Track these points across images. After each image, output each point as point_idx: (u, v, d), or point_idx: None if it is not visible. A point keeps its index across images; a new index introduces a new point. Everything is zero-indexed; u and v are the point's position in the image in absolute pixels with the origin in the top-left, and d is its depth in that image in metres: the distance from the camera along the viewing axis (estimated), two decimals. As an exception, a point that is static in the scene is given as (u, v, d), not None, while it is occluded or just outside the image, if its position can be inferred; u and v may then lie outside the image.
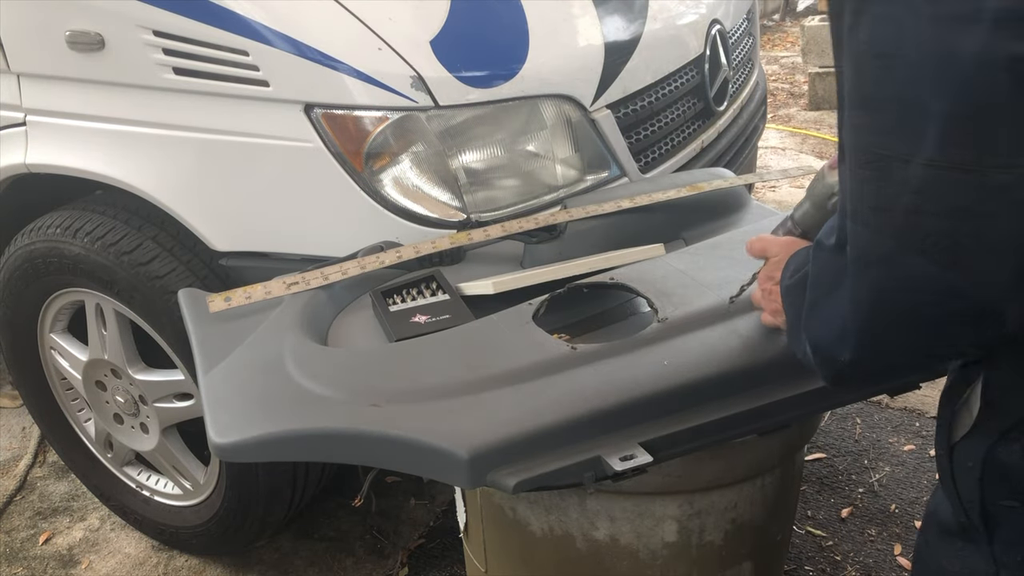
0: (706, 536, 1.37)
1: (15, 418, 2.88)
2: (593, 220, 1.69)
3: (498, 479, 1.11)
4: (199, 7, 1.64)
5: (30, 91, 1.90)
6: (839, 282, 0.79)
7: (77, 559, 2.30)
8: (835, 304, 0.80)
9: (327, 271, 1.56)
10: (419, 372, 1.28)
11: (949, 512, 0.93)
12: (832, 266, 0.81)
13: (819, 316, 0.84)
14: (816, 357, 0.86)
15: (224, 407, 1.28)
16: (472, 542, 1.59)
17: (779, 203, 4.03)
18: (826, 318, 0.82)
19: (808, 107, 5.37)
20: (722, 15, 2.34)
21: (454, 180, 1.71)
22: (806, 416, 1.33)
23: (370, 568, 2.17)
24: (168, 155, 1.76)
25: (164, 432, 2.08)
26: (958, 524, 0.91)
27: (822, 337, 0.84)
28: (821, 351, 0.85)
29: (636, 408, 1.18)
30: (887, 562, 2.06)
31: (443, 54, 1.67)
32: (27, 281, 2.03)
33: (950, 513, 0.93)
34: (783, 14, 7.97)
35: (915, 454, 2.40)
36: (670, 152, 2.08)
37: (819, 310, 0.84)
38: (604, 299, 1.53)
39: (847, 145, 0.76)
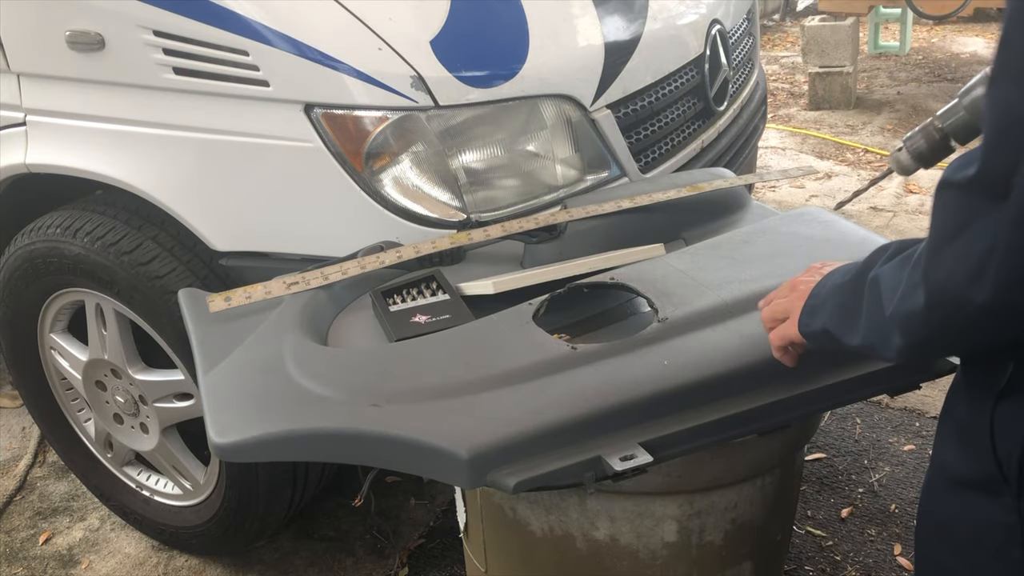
0: (706, 536, 1.37)
1: (15, 418, 2.88)
2: (593, 220, 1.69)
3: (498, 479, 1.11)
4: (199, 7, 1.64)
5: (30, 91, 1.90)
6: (975, 218, 0.76)
7: (77, 559, 2.30)
8: (970, 243, 0.76)
9: (327, 271, 1.56)
10: (419, 372, 1.29)
11: (965, 465, 0.94)
12: (967, 201, 0.78)
13: (944, 260, 0.79)
14: (936, 308, 0.82)
15: (224, 407, 1.28)
16: (472, 542, 1.59)
17: (779, 203, 4.03)
18: (958, 256, 0.78)
19: (808, 107, 5.37)
20: (722, 15, 2.34)
21: (454, 180, 1.71)
22: (806, 416, 1.33)
23: (370, 568, 2.17)
24: (168, 155, 1.76)
25: (164, 432, 2.08)
26: (981, 477, 0.92)
27: (948, 281, 0.79)
28: (947, 296, 0.80)
29: (636, 408, 1.18)
30: (887, 562, 2.06)
31: (443, 54, 1.67)
32: (27, 281, 2.03)
33: (966, 466, 0.94)
34: (783, 14, 7.96)
35: (915, 454, 2.40)
36: (670, 152, 2.08)
37: (944, 254, 0.79)
38: (604, 299, 1.53)
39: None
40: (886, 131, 4.88)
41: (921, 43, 6.66)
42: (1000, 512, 0.91)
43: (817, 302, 1.07)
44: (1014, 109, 0.73)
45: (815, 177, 4.30)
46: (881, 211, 3.88)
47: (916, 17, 5.67)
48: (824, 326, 1.04)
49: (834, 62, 5.29)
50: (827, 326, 1.03)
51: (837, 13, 5.56)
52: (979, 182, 0.76)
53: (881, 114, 5.15)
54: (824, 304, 1.05)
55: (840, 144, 4.74)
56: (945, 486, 0.99)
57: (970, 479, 0.94)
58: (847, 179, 4.27)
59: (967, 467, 0.94)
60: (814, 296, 1.08)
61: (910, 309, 0.85)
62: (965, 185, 0.78)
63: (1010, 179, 0.72)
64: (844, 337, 1.00)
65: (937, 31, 6.99)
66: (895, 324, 0.88)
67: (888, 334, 0.90)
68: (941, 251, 0.80)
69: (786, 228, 1.61)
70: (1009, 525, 0.90)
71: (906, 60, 6.24)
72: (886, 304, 0.89)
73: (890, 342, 0.90)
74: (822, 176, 4.33)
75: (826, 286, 1.06)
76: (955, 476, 0.97)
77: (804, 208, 1.70)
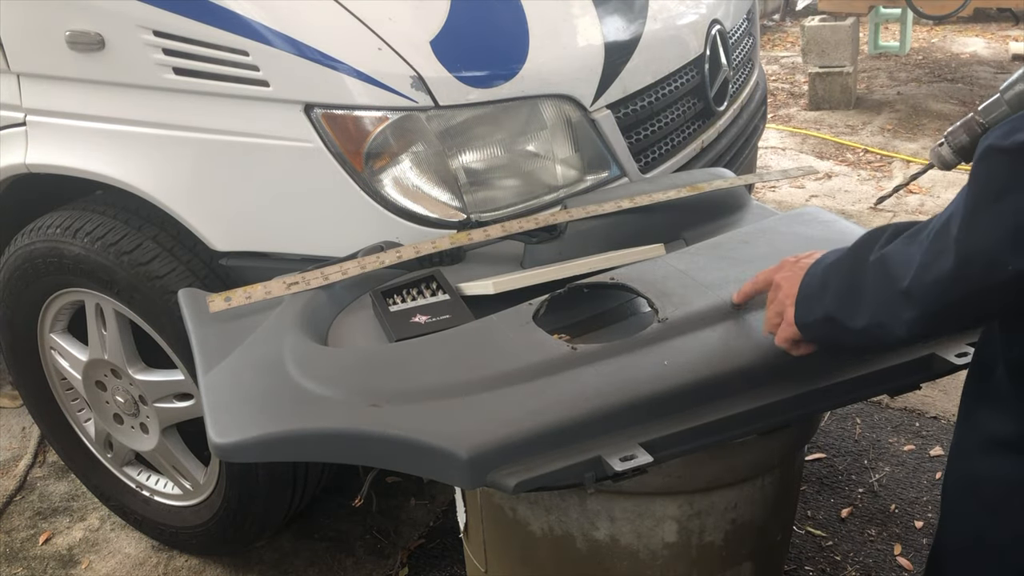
0: (706, 536, 1.37)
1: (15, 418, 2.88)
2: (593, 220, 1.69)
3: (498, 479, 1.11)
4: (199, 7, 1.64)
5: (30, 91, 1.90)
6: (1018, 184, 0.77)
7: (77, 559, 2.30)
8: (1014, 205, 0.78)
9: (327, 271, 1.56)
10: (419, 372, 1.28)
11: (1002, 425, 0.96)
12: (1014, 166, 0.79)
13: (982, 222, 0.80)
14: (967, 271, 0.83)
15: (224, 407, 1.28)
16: (472, 542, 1.59)
17: (779, 203, 4.03)
18: (999, 217, 0.79)
19: (808, 107, 5.37)
20: (722, 15, 2.34)
21: (454, 180, 1.71)
22: (806, 416, 1.33)
23: (370, 568, 2.17)
24: (168, 155, 1.76)
25: (164, 432, 2.08)
26: (1014, 437, 0.95)
27: (984, 243, 0.80)
28: (981, 258, 0.81)
29: (636, 408, 1.18)
30: (887, 562, 2.06)
31: (443, 54, 1.67)
32: (27, 281, 2.03)
33: (999, 426, 0.96)
34: (783, 14, 7.96)
35: (915, 454, 2.40)
36: (670, 152, 2.08)
37: (982, 217, 0.80)
38: (604, 299, 1.53)
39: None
40: (886, 131, 4.88)
41: (921, 43, 6.66)
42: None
43: (812, 291, 1.07)
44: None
45: (815, 177, 4.30)
46: (881, 211, 3.88)
47: (916, 17, 5.67)
48: (826, 312, 1.04)
49: (834, 62, 5.30)
50: (829, 312, 1.03)
51: (837, 13, 5.56)
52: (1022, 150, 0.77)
53: (881, 114, 5.15)
54: (822, 290, 1.05)
55: (840, 144, 4.74)
56: (977, 445, 1.01)
57: (1004, 437, 0.96)
58: (847, 179, 4.27)
59: (1001, 426, 0.96)
60: (807, 286, 1.08)
61: (936, 275, 0.85)
62: (1013, 150, 0.79)
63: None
64: (848, 320, 1.00)
65: (937, 31, 6.99)
66: (912, 296, 0.88)
67: (900, 308, 0.90)
68: (979, 214, 0.81)
69: (786, 228, 1.61)
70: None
71: (906, 60, 6.24)
72: (900, 277, 0.90)
73: (901, 316, 0.91)
74: (822, 176, 4.33)
75: (817, 274, 1.06)
76: (989, 435, 0.98)
77: (804, 208, 1.70)
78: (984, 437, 1.00)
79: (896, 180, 4.19)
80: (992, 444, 0.99)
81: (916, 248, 0.89)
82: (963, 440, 1.05)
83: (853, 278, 0.99)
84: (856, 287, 0.98)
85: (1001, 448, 0.97)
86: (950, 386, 2.65)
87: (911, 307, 0.89)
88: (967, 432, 1.05)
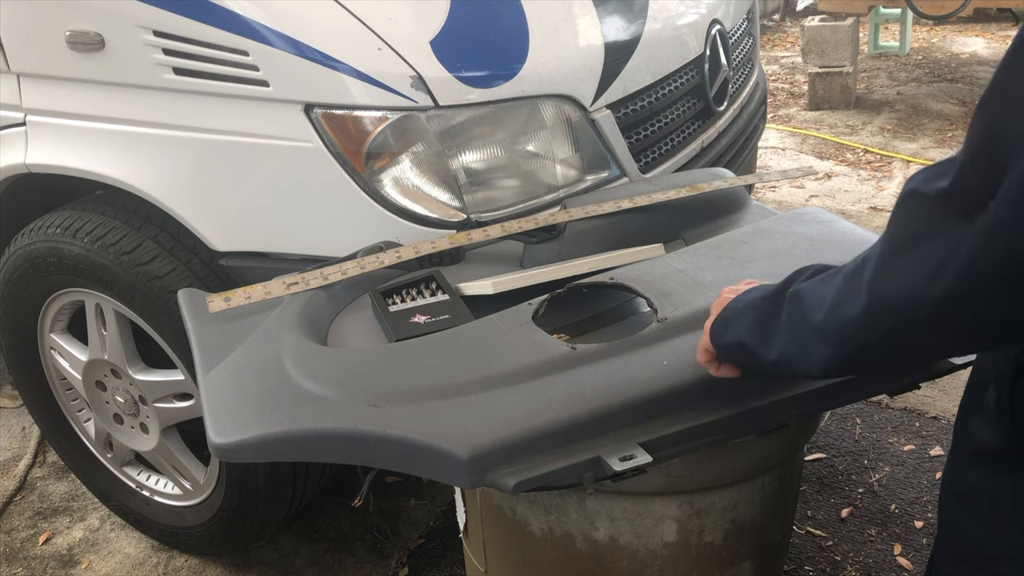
0: (706, 536, 1.37)
1: (15, 418, 2.88)
2: (593, 220, 1.69)
3: (497, 479, 1.11)
4: (199, 7, 1.64)
5: (30, 91, 1.90)
6: (937, 230, 0.77)
7: (77, 559, 2.30)
8: (929, 252, 0.77)
9: (327, 271, 1.56)
10: (418, 372, 1.28)
11: (990, 438, 0.98)
12: (932, 213, 0.78)
13: (896, 267, 0.81)
14: (878, 315, 0.83)
15: (223, 407, 1.28)
16: (472, 542, 1.59)
17: (779, 203, 4.03)
18: (914, 264, 0.79)
19: (808, 107, 5.37)
20: (722, 15, 2.34)
21: (454, 180, 1.71)
22: (806, 416, 1.33)
23: (370, 568, 2.17)
24: (168, 155, 1.76)
25: (164, 432, 2.08)
26: (1004, 449, 0.96)
27: (897, 289, 0.81)
28: (892, 305, 0.82)
29: (636, 408, 1.18)
30: (887, 562, 2.06)
31: (443, 54, 1.67)
32: (27, 281, 2.03)
33: (989, 437, 0.98)
34: (783, 14, 7.96)
35: (915, 454, 2.40)
36: (670, 152, 2.08)
37: (897, 260, 0.81)
38: (604, 299, 1.53)
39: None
40: (886, 131, 4.88)
41: (921, 43, 6.66)
42: (1021, 483, 0.95)
43: (732, 314, 1.09)
44: (1003, 131, 0.74)
45: (815, 177, 4.30)
46: (881, 211, 3.88)
47: (916, 17, 5.67)
48: (739, 339, 1.06)
49: (834, 62, 5.30)
50: (742, 339, 1.06)
51: (837, 13, 5.56)
52: (950, 196, 0.78)
53: (881, 114, 5.15)
54: (740, 317, 1.07)
55: (840, 144, 4.74)
56: (969, 456, 1.02)
57: (993, 450, 0.98)
58: (847, 179, 4.27)
59: (990, 438, 0.98)
60: (729, 308, 1.10)
61: (846, 317, 0.87)
62: (934, 197, 0.79)
63: (986, 198, 0.73)
64: (760, 351, 1.02)
65: (937, 31, 6.99)
66: (824, 334, 0.90)
67: (811, 345, 0.92)
68: (895, 258, 0.81)
69: (785, 228, 1.61)
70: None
71: (906, 60, 6.24)
72: (812, 314, 0.91)
73: (812, 354, 0.92)
74: (822, 176, 4.33)
75: (742, 300, 1.09)
76: (979, 446, 1.00)
77: (803, 208, 1.70)
78: (974, 447, 1.02)
79: (896, 180, 4.19)
80: (980, 455, 1.00)
81: (830, 288, 0.90)
82: (956, 450, 1.07)
83: (768, 310, 1.01)
84: (769, 319, 1.00)
85: (988, 459, 0.99)
86: (950, 386, 2.65)
87: (823, 345, 0.90)
88: (960, 442, 1.06)
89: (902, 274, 0.80)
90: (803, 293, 0.95)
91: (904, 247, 0.81)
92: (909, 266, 0.80)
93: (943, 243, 0.76)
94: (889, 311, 0.82)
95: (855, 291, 0.85)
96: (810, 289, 0.94)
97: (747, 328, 1.05)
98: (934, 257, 0.77)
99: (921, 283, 0.78)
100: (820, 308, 0.90)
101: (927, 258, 0.78)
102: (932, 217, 0.79)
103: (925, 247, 0.78)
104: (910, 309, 0.80)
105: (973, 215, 0.74)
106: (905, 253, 0.80)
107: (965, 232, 0.75)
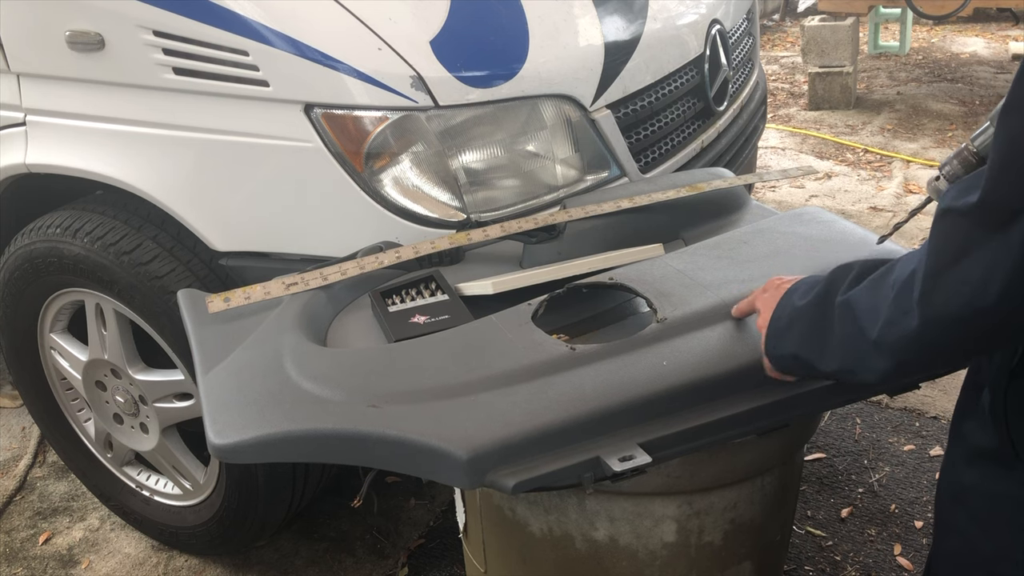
0: (705, 536, 1.37)
1: (15, 418, 2.88)
2: (593, 220, 1.69)
3: (497, 479, 1.11)
4: (199, 7, 1.64)
5: (30, 91, 1.90)
6: (976, 245, 0.79)
7: (77, 559, 2.30)
8: (971, 269, 0.79)
9: (326, 272, 1.56)
10: (418, 373, 1.28)
11: (985, 440, 0.99)
12: (968, 228, 0.80)
13: (944, 285, 0.82)
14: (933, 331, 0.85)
15: (223, 408, 1.28)
16: (472, 542, 1.59)
17: (779, 203, 4.03)
18: (960, 281, 0.81)
19: (808, 107, 5.37)
20: (722, 15, 2.34)
21: (454, 180, 1.71)
22: (806, 416, 1.33)
23: (370, 568, 2.17)
24: (168, 155, 1.76)
25: (164, 432, 2.08)
26: (998, 451, 0.97)
27: (948, 306, 0.82)
28: (946, 321, 0.83)
29: (635, 408, 1.18)
30: (887, 562, 2.06)
31: (443, 54, 1.67)
32: (27, 281, 2.03)
33: (983, 439, 0.99)
34: (783, 14, 7.96)
35: (915, 454, 2.40)
36: (670, 152, 2.08)
37: (944, 278, 0.82)
38: (603, 299, 1.53)
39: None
40: (886, 131, 4.87)
41: (921, 43, 6.66)
42: (1014, 485, 0.96)
43: (781, 325, 1.09)
44: (1021, 142, 0.75)
45: (815, 177, 4.30)
46: (881, 211, 3.88)
47: (916, 17, 5.67)
48: (793, 352, 1.07)
49: (834, 62, 5.29)
50: (796, 352, 1.06)
51: (837, 13, 5.55)
52: (981, 210, 0.79)
53: (881, 114, 5.15)
54: (789, 329, 1.07)
55: (840, 144, 4.73)
56: (965, 457, 1.04)
57: (987, 452, 0.99)
58: (847, 179, 4.27)
59: (985, 441, 0.99)
60: (776, 319, 1.10)
61: (902, 333, 0.88)
62: (967, 212, 0.80)
63: (1016, 208, 0.75)
64: (817, 362, 1.02)
65: (937, 31, 6.99)
66: (883, 348, 0.91)
67: (870, 358, 0.93)
68: (941, 276, 0.83)
69: (785, 228, 1.61)
70: (1021, 498, 0.95)
71: (906, 60, 6.24)
72: (867, 329, 0.92)
73: (873, 366, 0.93)
74: (822, 176, 4.33)
75: (787, 309, 1.08)
76: (974, 448, 1.01)
77: (803, 208, 1.70)
78: (969, 448, 1.02)
79: (896, 180, 4.19)
80: (976, 456, 1.01)
81: (882, 301, 0.91)
82: (952, 450, 1.08)
83: (819, 320, 1.01)
84: (822, 330, 1.01)
85: (983, 460, 1.00)
86: (950, 386, 2.65)
87: (882, 359, 0.91)
88: (956, 443, 1.07)
89: (950, 290, 0.82)
90: (854, 304, 0.96)
91: (947, 264, 0.82)
92: (955, 282, 0.81)
93: (982, 256, 0.78)
94: (943, 326, 0.84)
95: (908, 307, 0.86)
96: (861, 300, 0.95)
97: (800, 339, 1.05)
98: (975, 271, 0.79)
99: (968, 298, 0.80)
100: (875, 323, 0.91)
101: (970, 273, 0.80)
102: (968, 232, 0.80)
103: (966, 263, 0.80)
104: (963, 322, 0.82)
105: (1007, 227, 0.76)
106: (948, 269, 0.82)
107: (1001, 244, 0.76)
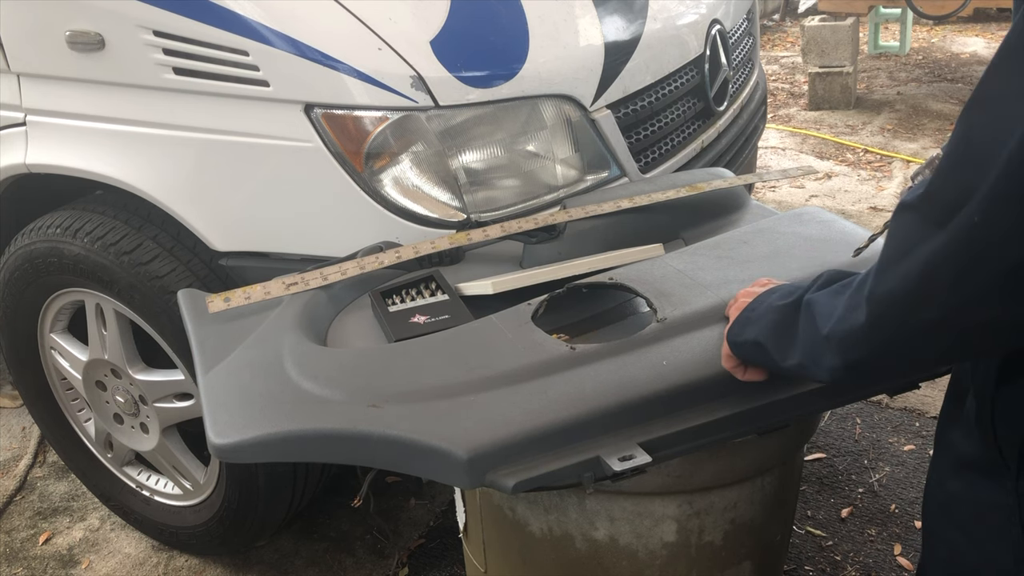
0: (705, 536, 1.37)
1: (15, 418, 2.88)
2: (593, 220, 1.69)
3: (497, 479, 1.11)
4: (199, 7, 1.64)
5: (30, 91, 1.90)
6: (919, 241, 0.78)
7: (77, 559, 2.30)
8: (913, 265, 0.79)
9: (326, 272, 1.56)
10: (418, 372, 1.28)
11: (971, 448, 0.99)
12: (915, 223, 0.80)
13: (888, 279, 0.82)
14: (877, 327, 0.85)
15: (223, 407, 1.28)
16: (472, 542, 1.59)
17: (779, 203, 4.03)
18: (903, 277, 0.81)
19: (808, 107, 5.37)
20: (722, 15, 2.34)
21: (454, 180, 1.71)
22: (806, 416, 1.33)
23: (370, 568, 2.17)
24: (168, 155, 1.77)
25: (164, 432, 2.08)
26: (984, 459, 0.97)
27: (890, 300, 0.82)
28: (888, 316, 0.83)
29: (635, 408, 1.18)
30: (887, 562, 2.06)
31: (443, 54, 1.67)
32: (27, 281, 2.03)
33: (970, 448, 0.99)
34: (783, 14, 7.96)
35: (915, 454, 2.40)
36: (670, 152, 2.08)
37: (889, 272, 0.82)
38: (603, 299, 1.53)
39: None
40: (886, 131, 4.88)
41: (921, 43, 6.66)
42: (1000, 494, 0.95)
43: (752, 315, 1.10)
44: (974, 139, 0.75)
45: (815, 177, 4.30)
46: (881, 211, 3.88)
47: (916, 17, 5.67)
48: (755, 338, 1.07)
49: (834, 62, 5.29)
50: (757, 338, 1.06)
51: (837, 13, 5.56)
52: (927, 204, 0.79)
53: (881, 114, 5.15)
54: (759, 319, 1.08)
55: (840, 144, 4.74)
56: (950, 466, 1.03)
57: (973, 460, 0.99)
58: (847, 179, 4.27)
59: (970, 449, 0.99)
60: (750, 309, 1.11)
61: (849, 327, 0.88)
62: (915, 206, 0.81)
63: (955, 210, 0.75)
64: (778, 355, 1.03)
65: (937, 31, 6.99)
66: (832, 344, 0.91)
67: (822, 354, 0.93)
68: (887, 271, 0.83)
69: (785, 228, 1.61)
70: (1009, 506, 0.95)
71: (906, 60, 6.24)
72: (821, 325, 0.92)
73: (823, 362, 0.93)
74: (822, 176, 4.33)
75: (763, 302, 1.09)
76: (960, 456, 1.01)
77: (803, 208, 1.70)
78: (955, 457, 1.02)
79: (896, 180, 4.19)
80: (962, 465, 1.01)
81: (839, 300, 0.91)
82: (938, 460, 1.08)
83: (788, 315, 1.01)
84: (785, 324, 1.01)
85: (969, 469, 1.00)
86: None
87: (831, 355, 0.91)
88: (941, 452, 1.07)
89: (894, 284, 0.81)
90: (815, 303, 0.96)
91: (895, 258, 0.82)
92: (899, 276, 0.81)
93: (925, 250, 0.78)
94: (887, 321, 0.83)
95: (858, 303, 0.86)
96: (822, 300, 0.95)
97: (766, 330, 1.05)
98: (917, 265, 0.78)
99: (911, 292, 0.79)
100: (828, 320, 0.91)
101: (912, 267, 0.79)
102: (915, 226, 0.80)
103: (911, 256, 0.79)
104: (906, 317, 0.81)
105: (948, 222, 0.76)
106: (896, 263, 0.81)
107: (943, 238, 0.76)
